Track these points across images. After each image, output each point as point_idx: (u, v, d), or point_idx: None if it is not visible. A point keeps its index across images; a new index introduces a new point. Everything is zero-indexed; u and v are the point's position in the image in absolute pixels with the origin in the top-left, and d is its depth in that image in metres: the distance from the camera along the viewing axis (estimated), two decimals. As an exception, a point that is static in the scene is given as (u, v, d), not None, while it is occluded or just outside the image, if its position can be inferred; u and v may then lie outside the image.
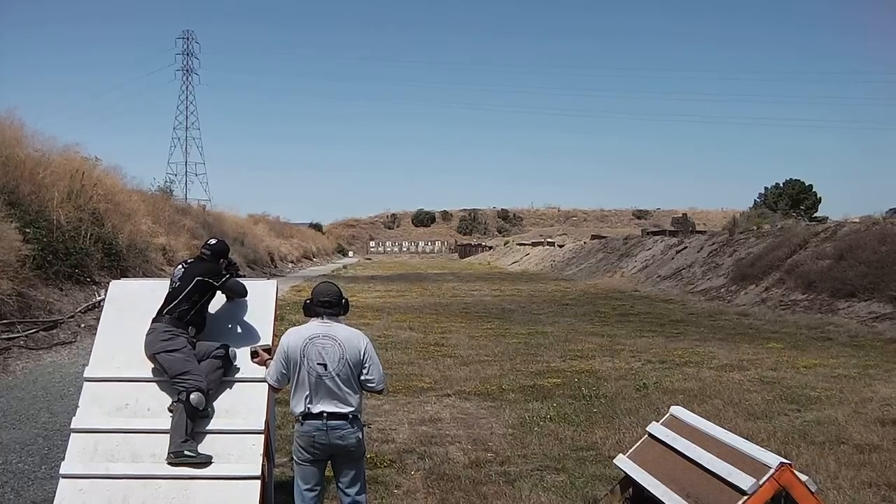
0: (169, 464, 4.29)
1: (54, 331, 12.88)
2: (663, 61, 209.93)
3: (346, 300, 4.29)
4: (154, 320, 4.78)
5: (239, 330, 5.02)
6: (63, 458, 4.40)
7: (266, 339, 4.91)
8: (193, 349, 4.68)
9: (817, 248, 21.81)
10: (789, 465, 4.26)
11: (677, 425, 5.24)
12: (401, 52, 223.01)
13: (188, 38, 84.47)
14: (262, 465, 4.42)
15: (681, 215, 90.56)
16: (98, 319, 5.16)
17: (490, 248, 76.72)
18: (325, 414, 4.02)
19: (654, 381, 9.86)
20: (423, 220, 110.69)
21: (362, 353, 4.13)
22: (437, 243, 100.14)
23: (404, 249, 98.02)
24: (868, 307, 16.83)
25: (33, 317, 12.82)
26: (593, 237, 54.51)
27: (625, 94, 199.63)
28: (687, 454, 4.83)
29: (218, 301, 5.09)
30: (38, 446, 6.83)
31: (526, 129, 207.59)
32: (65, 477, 4.28)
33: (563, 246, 54.25)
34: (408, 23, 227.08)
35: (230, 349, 4.76)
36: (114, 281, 5.40)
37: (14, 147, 17.64)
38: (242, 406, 4.61)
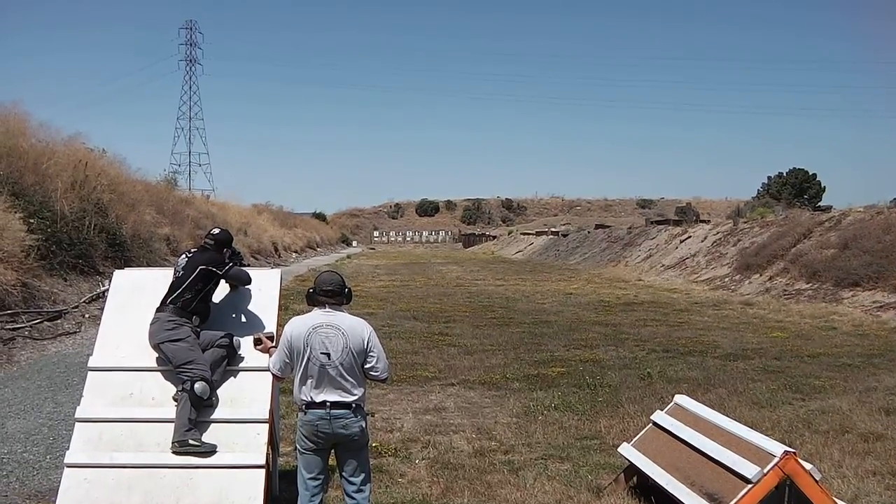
0: (173, 453, 4.30)
1: (59, 321, 12.91)
2: (668, 50, 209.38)
3: (349, 289, 4.28)
4: (158, 310, 4.78)
5: (243, 319, 5.02)
6: (68, 448, 4.41)
7: (270, 328, 4.91)
8: (198, 338, 4.69)
9: (821, 237, 21.76)
10: (794, 453, 4.26)
11: (681, 414, 5.24)
12: (405, 42, 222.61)
13: (191, 29, 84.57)
14: (267, 455, 4.43)
15: (685, 205, 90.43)
16: (102, 309, 5.16)
17: (494, 237, 76.58)
18: (328, 403, 4.02)
19: (659, 370, 9.86)
20: (427, 209, 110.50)
21: (366, 342, 4.12)
22: (441, 233, 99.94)
23: (408, 239, 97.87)
24: (872, 296, 16.80)
25: (38, 307, 12.86)
26: (597, 226, 54.38)
27: (629, 83, 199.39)
28: (691, 443, 4.84)
29: (222, 290, 5.09)
30: (43, 436, 6.85)
31: (530, 119, 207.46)
32: (69, 466, 4.30)
33: (566, 235, 54.18)
34: (412, 11, 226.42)
35: (234, 338, 4.77)
36: (117, 271, 5.39)
37: (18, 138, 17.63)
38: (247, 395, 4.62)
